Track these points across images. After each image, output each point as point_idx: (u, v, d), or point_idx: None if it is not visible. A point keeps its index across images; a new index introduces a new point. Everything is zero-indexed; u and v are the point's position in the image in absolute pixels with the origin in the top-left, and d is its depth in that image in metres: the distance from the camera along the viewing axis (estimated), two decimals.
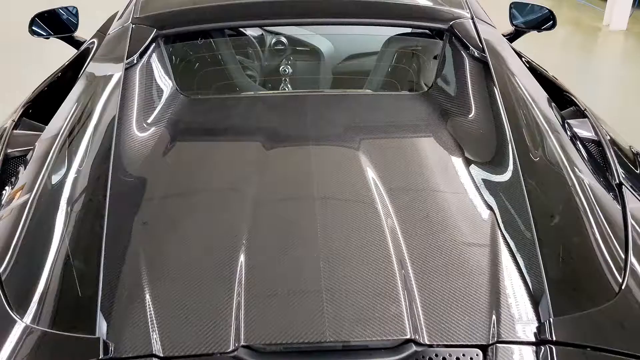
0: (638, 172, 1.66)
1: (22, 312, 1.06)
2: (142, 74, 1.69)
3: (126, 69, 1.64)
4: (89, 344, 0.99)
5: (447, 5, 2.02)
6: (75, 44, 2.76)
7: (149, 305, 1.08)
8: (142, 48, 1.73)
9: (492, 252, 1.21)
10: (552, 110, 1.67)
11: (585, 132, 1.82)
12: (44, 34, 2.73)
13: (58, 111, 1.62)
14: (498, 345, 1.02)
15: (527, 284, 1.13)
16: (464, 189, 1.42)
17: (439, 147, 1.59)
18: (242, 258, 1.17)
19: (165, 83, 1.79)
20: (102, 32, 2.47)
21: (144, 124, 1.60)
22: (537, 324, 1.05)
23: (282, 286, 1.12)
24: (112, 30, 1.94)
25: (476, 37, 1.83)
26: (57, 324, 1.04)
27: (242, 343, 1.00)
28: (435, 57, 2.05)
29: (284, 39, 2.83)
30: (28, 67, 4.99)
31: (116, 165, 1.36)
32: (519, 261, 1.18)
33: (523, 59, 2.37)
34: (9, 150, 1.67)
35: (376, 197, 1.33)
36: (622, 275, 1.17)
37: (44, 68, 2.81)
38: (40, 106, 2.02)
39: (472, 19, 1.95)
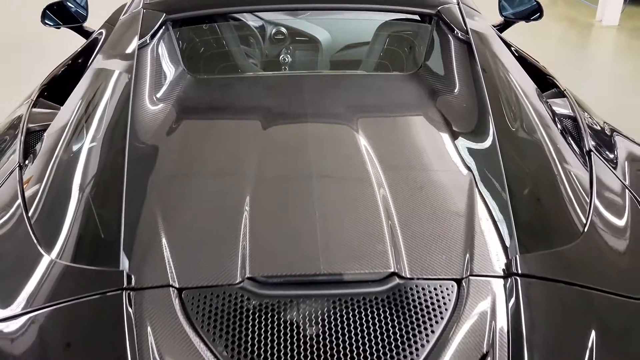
0: (615, 151, 1.80)
1: (54, 251, 1.22)
2: (152, 54, 1.84)
3: (139, 48, 1.79)
4: (114, 276, 1.14)
5: None
6: (85, 34, 2.90)
7: (165, 243, 1.23)
8: (153, 31, 1.88)
9: (467, 201, 1.36)
10: (530, 85, 1.82)
11: (563, 110, 1.97)
12: (55, 23, 2.87)
13: (76, 87, 1.77)
14: (470, 278, 1.17)
15: (498, 228, 1.28)
16: (446, 152, 1.57)
17: (425, 119, 1.74)
18: (246, 204, 1.32)
19: (174, 63, 1.93)
20: (110, 23, 2.61)
21: (155, 98, 1.75)
22: (505, 261, 1.20)
23: (282, 228, 1.27)
24: (123, 15, 2.09)
25: (461, 21, 1.98)
26: (85, 260, 1.19)
27: (247, 275, 1.15)
28: (424, 41, 2.20)
29: (283, 29, 2.99)
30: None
31: (133, 130, 1.51)
32: (491, 209, 1.33)
33: (512, 48, 2.52)
34: (29, 125, 1.82)
35: (366, 157, 1.48)
36: (585, 221, 1.32)
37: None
38: (54, 90, 2.16)
39: (458, 4, 2.09)
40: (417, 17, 2.25)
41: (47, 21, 2.83)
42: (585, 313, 1.14)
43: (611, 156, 1.69)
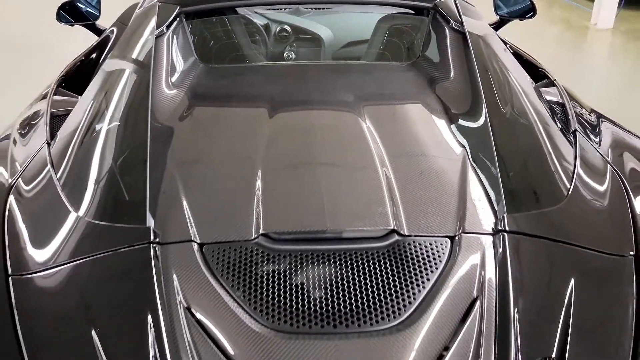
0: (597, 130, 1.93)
1: (85, 211, 1.35)
2: (168, 43, 1.98)
3: (156, 37, 1.92)
4: (142, 232, 1.27)
5: None
6: (97, 31, 3.03)
7: (186, 204, 1.36)
8: (168, 22, 2.01)
9: (460, 169, 1.49)
10: (520, 71, 1.96)
11: (552, 97, 2.10)
12: (69, 21, 3.01)
13: (97, 73, 1.91)
14: (462, 234, 1.30)
15: (487, 193, 1.41)
16: (441, 129, 1.71)
17: (423, 102, 1.87)
18: (259, 170, 1.46)
19: (187, 52, 2.07)
20: (121, 22, 2.75)
21: (171, 83, 1.89)
22: (494, 220, 1.33)
23: (291, 191, 1.40)
24: (139, 9, 2.23)
25: (456, 13, 2.11)
26: (115, 219, 1.32)
27: (261, 232, 1.28)
28: (421, 32, 2.34)
29: (287, 27, 3.13)
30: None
31: (153, 107, 1.65)
32: (481, 176, 1.46)
33: (507, 45, 2.66)
34: (52, 110, 1.95)
35: (368, 133, 1.62)
36: (568, 187, 1.45)
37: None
38: (70, 83, 2.30)
39: None
40: (414, 10, 2.39)
41: (62, 17, 2.97)
42: (564, 265, 1.27)
43: (596, 138, 1.82)
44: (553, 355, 1.09)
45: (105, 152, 1.53)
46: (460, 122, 1.73)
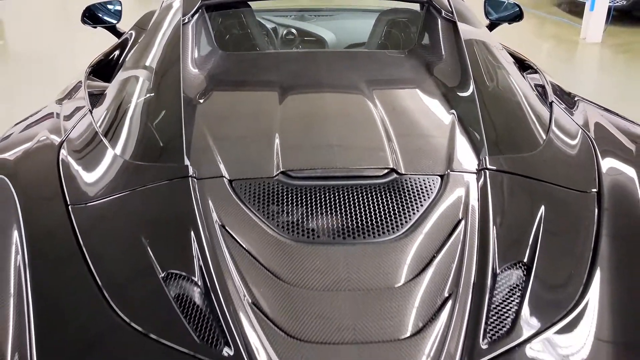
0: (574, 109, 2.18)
1: (130, 155, 1.59)
2: (192, 30, 2.24)
3: (182, 24, 2.18)
4: (182, 169, 1.50)
5: None
6: (117, 34, 3.30)
7: (216, 148, 1.60)
8: (192, 12, 2.28)
9: (450, 121, 1.76)
10: (502, 51, 2.22)
11: (535, 82, 2.36)
12: (92, 23, 3.28)
13: (130, 54, 2.17)
14: (450, 173, 1.54)
15: (472, 140, 1.66)
16: (433, 93, 1.98)
17: (418, 77, 2.14)
18: (278, 120, 1.73)
19: (208, 39, 2.33)
20: (138, 26, 3.01)
21: (196, 60, 2.16)
22: (477, 161, 1.57)
23: (306, 136, 1.68)
24: (165, 2, 2.50)
25: (448, 5, 2.38)
26: (157, 161, 1.57)
27: (281, 170, 1.52)
28: (417, 24, 2.62)
29: (293, 30, 3.42)
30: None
31: (184, 77, 1.90)
32: (466, 127, 1.72)
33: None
34: (88, 90, 2.21)
35: (369, 94, 1.90)
36: (543, 139, 1.71)
37: None
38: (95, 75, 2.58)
39: None
40: (411, 4, 2.69)
41: (86, 19, 3.24)
42: (537, 196, 1.50)
43: (572, 109, 2.07)
44: (525, 260, 1.32)
45: (146, 111, 1.78)
46: (451, 90, 1.99)
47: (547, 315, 1.21)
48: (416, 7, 2.68)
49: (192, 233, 1.33)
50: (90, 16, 3.23)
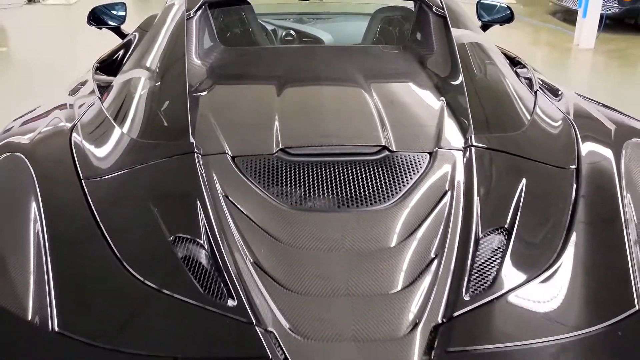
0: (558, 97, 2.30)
1: (138, 134, 1.70)
2: (196, 25, 2.36)
3: (187, 19, 2.30)
4: (188, 145, 1.61)
5: None
6: (121, 35, 3.42)
7: (219, 128, 1.72)
8: (195, 8, 2.40)
9: (438, 106, 1.87)
10: (491, 44, 2.35)
11: (524, 75, 2.48)
12: (98, 24, 3.40)
13: (138, 47, 2.29)
14: (438, 150, 1.65)
15: (459, 120, 1.78)
16: (423, 80, 2.11)
17: (411, 69, 2.26)
18: (278, 102, 1.85)
19: (210, 34, 2.45)
20: (142, 28, 3.13)
21: (200, 51, 2.29)
22: (463, 139, 1.68)
23: (303, 116, 1.81)
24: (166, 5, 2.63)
25: (439, 1, 2.50)
26: (163, 139, 1.69)
27: (280, 147, 1.63)
28: (409, 20, 2.75)
29: (292, 32, 3.55)
30: None
31: (189, 67, 2.02)
32: (454, 109, 1.84)
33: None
34: (96, 82, 2.32)
35: (363, 79, 2.04)
36: (527, 121, 1.82)
37: None
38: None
39: None
40: (404, 1, 2.83)
41: (92, 20, 3.36)
42: (519, 170, 1.61)
43: (556, 98, 2.19)
44: (506, 226, 1.42)
45: (152, 96, 1.91)
46: (441, 80, 2.11)
47: (525, 272, 1.32)
48: (409, 4, 2.80)
49: (197, 201, 1.44)
50: (95, 18, 3.35)
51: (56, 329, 1.20)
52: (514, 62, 2.75)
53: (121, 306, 1.27)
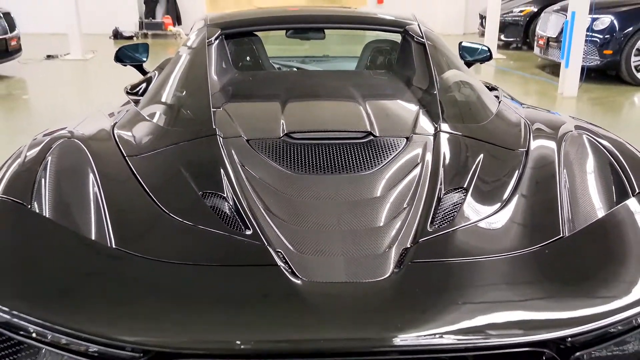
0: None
1: (167, 123, 2.12)
2: (215, 50, 2.81)
3: (207, 45, 2.75)
4: (210, 130, 2.03)
5: (402, 18, 3.18)
6: (143, 72, 3.89)
7: (236, 119, 2.13)
8: (213, 37, 2.85)
9: (415, 104, 2.31)
10: (460, 62, 2.80)
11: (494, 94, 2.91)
12: (124, 62, 3.86)
13: (165, 68, 2.73)
14: (413, 135, 2.05)
15: (431, 113, 2.20)
16: (404, 90, 2.58)
17: (395, 83, 2.70)
18: (283, 98, 2.31)
19: (225, 59, 2.90)
20: (161, 68, 3.60)
21: (218, 70, 2.74)
22: (434, 127, 2.09)
23: (304, 109, 2.25)
24: (191, 31, 3.08)
25: (420, 34, 2.96)
26: (189, 127, 2.10)
27: (285, 132, 2.03)
28: (395, 50, 3.21)
29: (295, 70, 4.03)
30: None
31: (210, 79, 2.45)
32: (427, 106, 2.27)
33: None
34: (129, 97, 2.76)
35: (352, 86, 2.50)
36: (489, 116, 2.24)
37: None
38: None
39: (418, 25, 3.09)
40: (391, 33, 3.31)
41: (119, 58, 3.82)
42: (478, 150, 2.02)
43: (518, 108, 2.61)
44: (464, 186, 1.80)
45: (180, 98, 2.34)
46: (418, 89, 2.56)
47: (477, 215, 1.70)
48: (395, 37, 3.27)
49: (220, 168, 1.84)
50: (124, 54, 3.82)
51: (114, 245, 1.57)
52: (490, 88, 3.19)
53: (164, 237, 1.64)
